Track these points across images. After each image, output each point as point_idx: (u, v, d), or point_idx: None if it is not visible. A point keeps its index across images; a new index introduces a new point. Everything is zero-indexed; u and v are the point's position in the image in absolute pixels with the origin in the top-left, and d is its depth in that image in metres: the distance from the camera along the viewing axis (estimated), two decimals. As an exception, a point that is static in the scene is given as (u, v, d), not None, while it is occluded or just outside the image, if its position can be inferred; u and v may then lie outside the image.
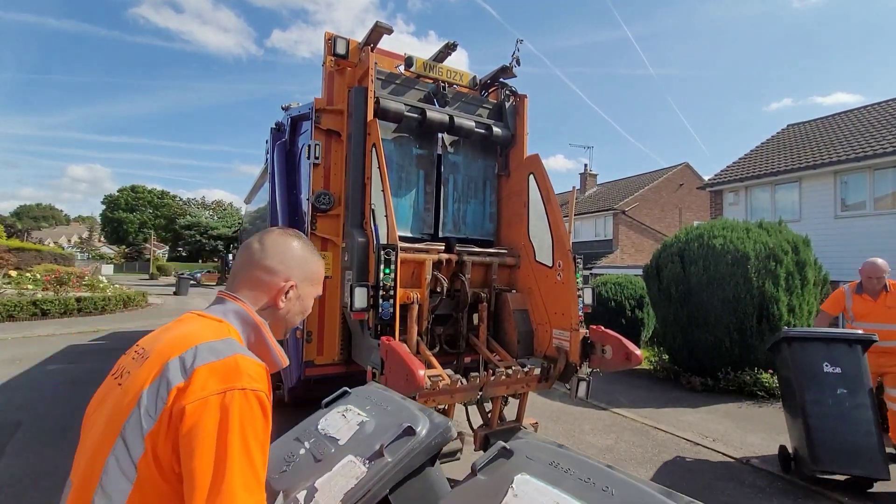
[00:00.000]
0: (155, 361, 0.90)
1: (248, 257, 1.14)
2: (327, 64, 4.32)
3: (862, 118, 13.20)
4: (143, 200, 68.90)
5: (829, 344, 3.84)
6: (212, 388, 0.85)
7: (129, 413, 0.85)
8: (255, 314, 1.09)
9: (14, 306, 12.37)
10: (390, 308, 3.32)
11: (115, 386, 0.96)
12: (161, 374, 0.87)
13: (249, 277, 1.13)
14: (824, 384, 3.74)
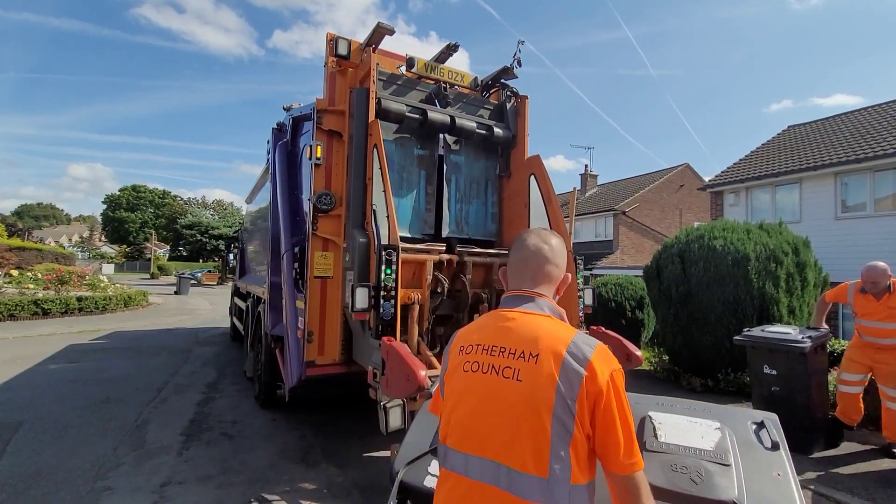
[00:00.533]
0: (547, 358, 1.11)
1: (542, 257, 1.29)
2: (329, 64, 4.33)
3: (862, 120, 13.19)
4: (144, 200, 68.96)
5: (770, 351, 4.59)
6: (605, 372, 1.10)
7: (554, 398, 1.07)
8: (556, 305, 1.29)
9: (15, 305, 12.39)
10: (391, 308, 3.32)
11: (492, 380, 1.14)
12: (563, 367, 1.09)
13: (545, 274, 1.29)
14: (763, 382, 4.64)
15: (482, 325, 1.29)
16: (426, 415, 2.04)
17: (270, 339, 5.07)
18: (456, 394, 1.20)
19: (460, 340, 1.28)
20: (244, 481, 3.66)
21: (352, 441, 4.51)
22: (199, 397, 5.90)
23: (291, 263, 4.41)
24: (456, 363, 1.24)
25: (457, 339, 1.30)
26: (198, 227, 50.34)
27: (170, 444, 4.35)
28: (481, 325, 1.29)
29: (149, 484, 3.56)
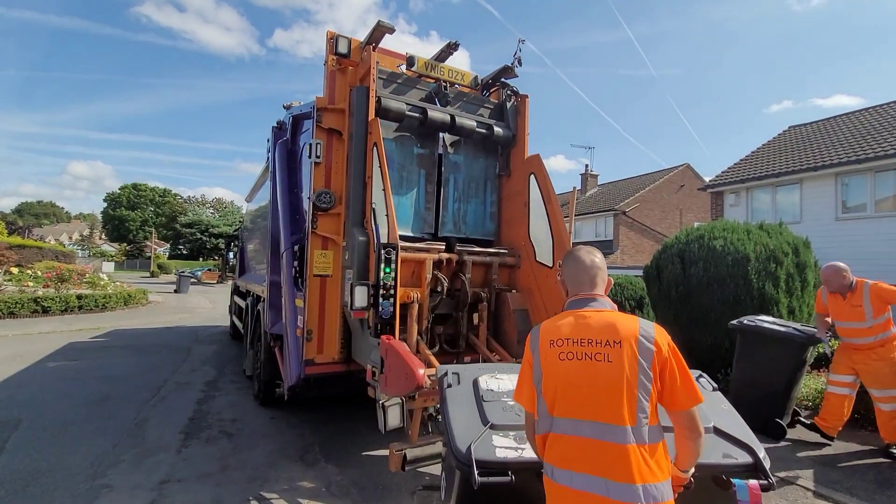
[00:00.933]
0: (628, 342, 1.53)
1: (596, 267, 1.74)
2: (329, 63, 4.33)
3: (863, 120, 13.18)
4: (144, 198, 68.96)
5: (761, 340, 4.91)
6: (664, 343, 1.54)
7: (637, 371, 1.50)
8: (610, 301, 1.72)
9: (15, 303, 12.39)
10: (390, 307, 3.32)
11: (589, 365, 1.53)
12: (640, 347, 1.52)
13: (602, 279, 1.73)
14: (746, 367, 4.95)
15: (564, 322, 1.64)
16: (458, 403, 2.34)
17: (270, 337, 5.07)
18: (557, 377, 1.57)
19: (547, 335, 1.63)
20: (243, 479, 3.66)
21: (351, 440, 4.51)
22: (199, 395, 5.90)
23: (291, 262, 4.41)
24: (551, 354, 1.60)
25: (543, 335, 1.64)
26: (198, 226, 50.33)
27: (169, 442, 4.35)
28: (563, 322, 1.65)
29: (148, 481, 3.56)
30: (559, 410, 1.55)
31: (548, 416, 1.58)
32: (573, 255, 1.79)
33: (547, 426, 1.58)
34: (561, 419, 1.54)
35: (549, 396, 1.58)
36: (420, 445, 3.02)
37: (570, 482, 1.49)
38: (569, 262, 1.78)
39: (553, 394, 1.57)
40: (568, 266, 1.78)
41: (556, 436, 1.55)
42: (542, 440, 1.61)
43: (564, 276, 1.79)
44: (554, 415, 1.56)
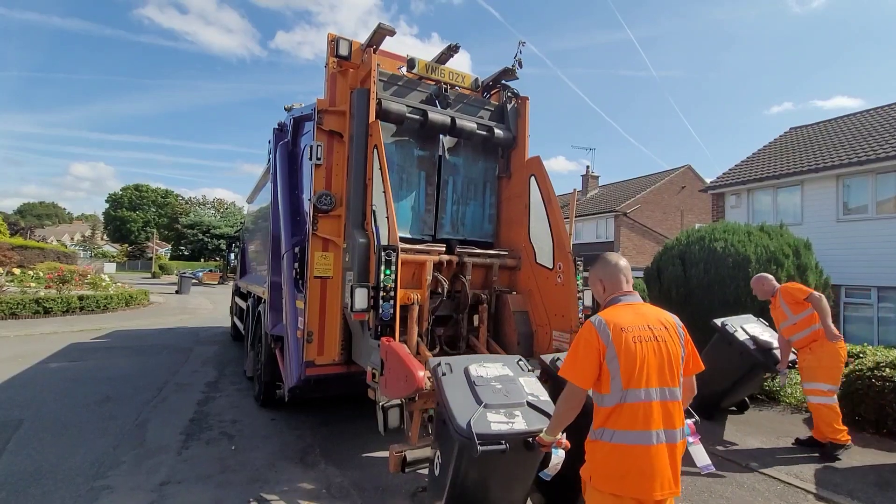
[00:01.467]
0: (672, 326, 2.02)
1: (627, 268, 2.16)
2: (330, 65, 4.34)
3: (864, 122, 13.16)
4: (146, 199, 69.10)
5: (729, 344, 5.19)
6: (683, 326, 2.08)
7: (680, 349, 1.99)
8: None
9: (17, 304, 12.42)
10: (391, 309, 3.33)
11: (655, 345, 1.92)
12: (678, 331, 2.02)
13: (630, 278, 2.16)
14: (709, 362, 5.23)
15: (624, 312, 1.99)
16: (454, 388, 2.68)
17: (270, 338, 5.07)
18: (632, 357, 1.88)
19: (616, 325, 1.91)
20: (243, 481, 3.66)
21: (351, 441, 4.51)
22: (200, 396, 5.91)
23: (292, 263, 4.41)
24: (625, 339, 1.89)
25: (611, 325, 1.91)
26: (199, 227, 50.44)
27: (169, 443, 4.36)
28: (623, 312, 1.99)
29: (148, 483, 3.57)
30: (634, 383, 1.86)
31: (621, 390, 1.87)
32: (608, 259, 2.16)
33: (618, 399, 1.88)
34: (635, 390, 1.86)
35: (625, 374, 1.86)
36: (420, 447, 3.02)
37: (638, 440, 1.84)
38: (605, 265, 2.15)
39: (629, 371, 1.86)
40: (605, 268, 2.14)
41: (629, 405, 1.86)
42: (608, 412, 1.90)
43: (602, 276, 2.16)
44: (629, 388, 1.86)
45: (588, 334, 1.94)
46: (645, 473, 1.82)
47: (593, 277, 2.20)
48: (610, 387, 1.89)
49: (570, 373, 1.98)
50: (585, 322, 2.00)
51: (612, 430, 1.88)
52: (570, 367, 1.98)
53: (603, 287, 2.16)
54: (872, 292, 10.25)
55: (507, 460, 2.43)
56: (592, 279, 2.21)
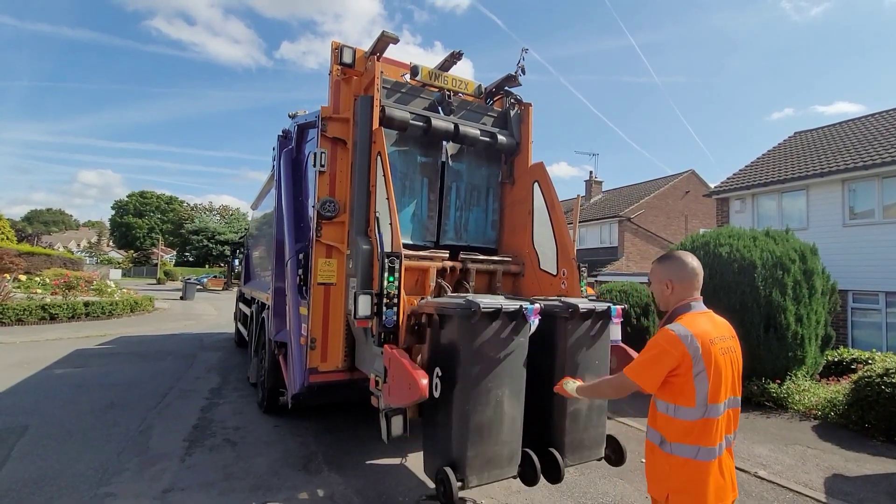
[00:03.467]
0: (735, 336, 1.96)
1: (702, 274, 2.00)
2: (334, 73, 4.36)
3: (869, 126, 13.10)
4: (151, 206, 69.61)
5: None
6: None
7: (740, 358, 1.95)
8: None
9: (23, 310, 12.50)
10: (394, 316, 3.32)
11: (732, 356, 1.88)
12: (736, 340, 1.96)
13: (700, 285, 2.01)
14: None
15: (704, 321, 1.88)
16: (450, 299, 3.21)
17: (274, 345, 5.07)
18: (720, 370, 1.80)
19: (705, 336, 1.81)
20: (246, 488, 3.65)
21: (354, 448, 4.49)
22: (203, 403, 5.91)
23: (295, 270, 4.42)
24: (714, 351, 1.80)
25: (698, 336, 1.80)
26: (204, 233, 50.70)
27: (173, 450, 4.36)
28: (703, 321, 1.88)
29: (151, 490, 3.56)
30: (717, 397, 1.80)
31: (705, 404, 1.79)
32: (683, 261, 1.98)
33: (702, 413, 1.79)
34: (716, 405, 1.79)
35: (713, 388, 1.79)
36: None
37: (710, 455, 1.79)
38: (681, 267, 1.98)
39: (717, 385, 1.79)
40: (681, 270, 1.97)
41: (711, 420, 1.79)
42: (689, 427, 1.80)
43: (672, 277, 1.98)
44: (713, 402, 1.79)
45: (670, 345, 1.80)
46: (721, 487, 1.80)
47: (660, 276, 2.02)
48: (695, 400, 1.79)
49: (638, 375, 1.90)
50: (665, 329, 1.86)
51: (697, 446, 1.79)
52: (640, 370, 1.90)
53: (671, 289, 1.98)
54: (880, 297, 10.15)
55: (500, 333, 2.94)
56: (658, 278, 2.04)
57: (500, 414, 2.94)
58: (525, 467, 3.06)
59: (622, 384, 1.97)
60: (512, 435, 3.00)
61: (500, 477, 2.97)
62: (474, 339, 2.86)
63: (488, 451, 2.88)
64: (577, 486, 3.86)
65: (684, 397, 1.81)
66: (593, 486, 3.87)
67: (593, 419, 3.33)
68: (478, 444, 2.84)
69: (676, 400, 1.83)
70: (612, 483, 3.93)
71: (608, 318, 3.41)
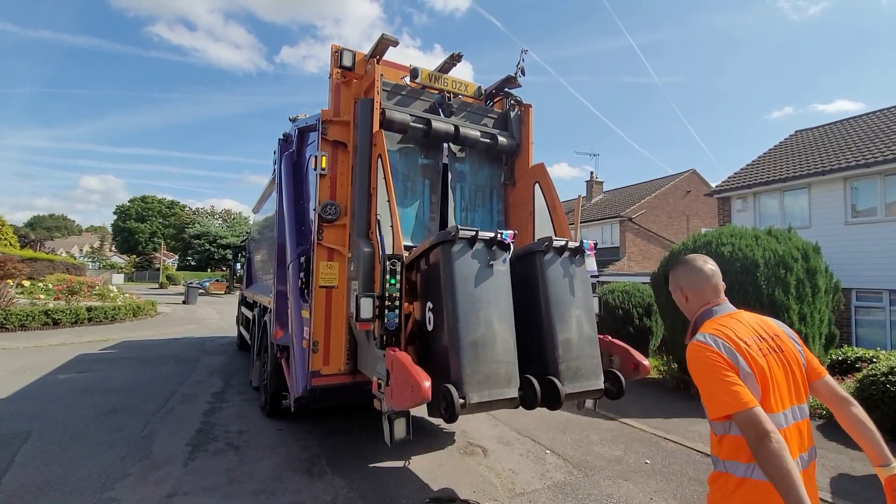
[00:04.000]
0: (786, 338, 1.69)
1: (719, 274, 1.81)
2: (334, 76, 4.37)
3: (871, 124, 13.06)
4: (153, 210, 69.79)
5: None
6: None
7: (799, 358, 1.67)
8: None
9: (26, 316, 12.53)
10: (396, 318, 3.31)
11: (777, 357, 1.63)
12: (794, 340, 1.71)
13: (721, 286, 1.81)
14: None
15: (735, 323, 1.68)
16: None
17: (276, 348, 5.07)
18: (764, 374, 1.57)
19: (734, 338, 1.60)
20: (249, 492, 3.64)
21: (357, 451, 4.48)
22: (206, 407, 5.91)
23: (297, 273, 4.42)
24: (750, 355, 1.58)
25: (731, 340, 1.59)
26: (206, 237, 50.79)
27: (176, 454, 4.35)
28: (730, 324, 1.67)
29: (155, 495, 3.56)
30: (770, 406, 1.54)
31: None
32: (691, 264, 1.82)
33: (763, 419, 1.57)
34: (772, 415, 1.51)
35: (761, 396, 1.55)
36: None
37: None
38: (688, 271, 1.81)
39: (764, 392, 1.55)
40: (688, 275, 1.81)
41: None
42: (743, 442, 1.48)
43: (683, 284, 1.83)
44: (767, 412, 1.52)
45: (709, 353, 1.55)
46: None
47: (673, 284, 1.89)
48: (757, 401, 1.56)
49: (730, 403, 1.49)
50: (693, 344, 1.62)
51: (751, 463, 1.50)
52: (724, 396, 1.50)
53: (685, 297, 1.82)
54: (884, 295, 10.11)
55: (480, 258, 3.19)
56: (672, 287, 1.90)
57: (492, 333, 3.10)
58: (526, 391, 3.19)
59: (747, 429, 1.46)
60: (506, 355, 3.15)
61: (500, 396, 3.06)
62: (457, 265, 3.10)
63: (485, 368, 3.03)
64: (581, 487, 3.85)
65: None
66: (597, 487, 3.85)
67: (585, 349, 3.52)
68: (474, 362, 2.99)
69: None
70: (616, 485, 3.91)
71: (582, 252, 3.78)
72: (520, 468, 4.23)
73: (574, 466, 4.29)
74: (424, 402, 2.79)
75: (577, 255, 3.75)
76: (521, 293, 3.43)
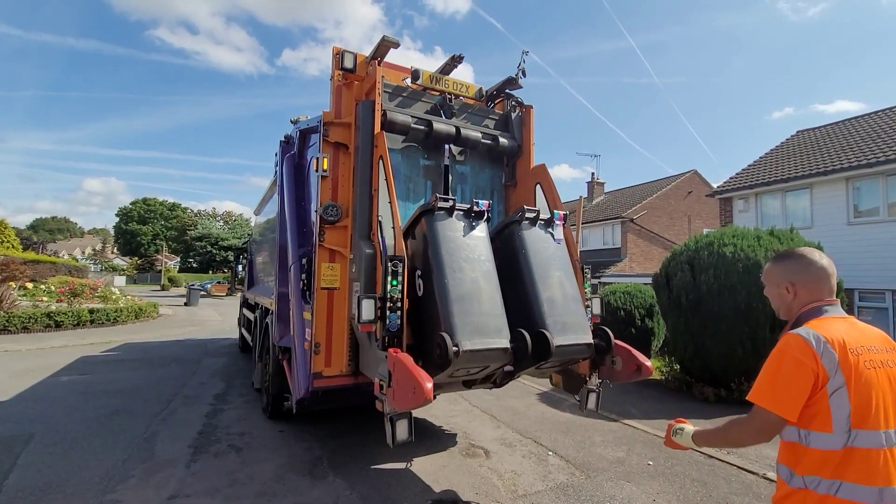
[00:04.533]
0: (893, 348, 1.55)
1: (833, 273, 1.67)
2: (335, 78, 4.38)
3: (873, 124, 13.04)
4: (155, 212, 69.95)
5: None
6: None
7: None
8: None
9: (29, 318, 12.56)
10: (397, 320, 3.31)
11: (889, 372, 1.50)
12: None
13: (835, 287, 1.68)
14: None
15: (841, 326, 1.54)
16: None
17: (278, 350, 5.07)
18: (867, 386, 1.46)
19: (842, 342, 1.48)
20: (251, 494, 3.64)
21: (359, 453, 4.48)
22: (208, 409, 5.91)
23: (299, 274, 4.42)
24: (854, 363, 1.46)
25: (836, 344, 1.47)
26: (207, 239, 50.84)
27: (178, 456, 4.35)
28: (840, 326, 1.54)
29: (157, 497, 3.56)
30: (869, 423, 1.44)
31: (847, 430, 1.45)
32: (809, 259, 1.66)
33: (843, 441, 1.45)
34: (870, 432, 1.44)
35: (857, 409, 1.45)
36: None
37: (869, 497, 1.41)
38: (807, 266, 1.66)
39: (863, 406, 1.45)
40: (807, 270, 1.66)
41: (862, 451, 1.44)
42: (826, 457, 1.45)
43: (795, 279, 1.66)
44: (860, 427, 1.44)
45: (799, 352, 1.48)
46: None
47: (779, 278, 1.71)
48: (831, 425, 1.46)
49: (768, 399, 1.50)
50: (790, 335, 1.54)
51: (838, 481, 1.43)
52: (770, 391, 1.51)
53: (794, 294, 1.66)
54: (887, 295, 10.08)
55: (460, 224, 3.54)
56: (775, 280, 1.72)
57: (478, 289, 3.37)
58: (517, 343, 3.38)
59: (760, 423, 1.54)
60: (494, 308, 3.39)
61: (492, 345, 3.25)
62: (439, 229, 3.45)
63: (475, 320, 3.25)
64: (584, 489, 3.84)
65: (818, 420, 1.47)
66: (599, 489, 3.84)
67: (570, 307, 3.75)
68: (463, 314, 3.22)
69: (809, 424, 1.48)
70: (618, 486, 3.90)
71: (552, 221, 4.08)
72: (522, 470, 4.22)
73: (576, 468, 4.27)
74: (426, 403, 2.78)
75: (549, 225, 4.06)
76: (504, 261, 3.73)
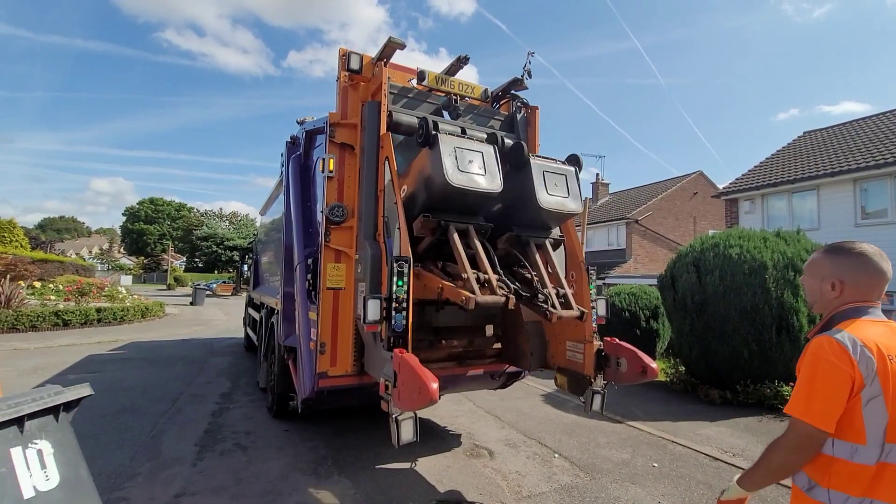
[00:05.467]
0: None
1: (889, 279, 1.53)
2: (341, 79, 4.40)
3: (881, 125, 12.94)
4: (161, 212, 70.46)
5: None
6: None
7: None
8: None
9: (37, 317, 12.69)
10: (403, 320, 3.32)
11: None
12: None
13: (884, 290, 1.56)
14: None
15: (879, 330, 1.42)
16: None
17: (283, 349, 5.10)
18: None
19: (881, 348, 1.38)
20: (257, 493, 3.66)
21: (364, 453, 4.49)
22: (214, 408, 5.95)
23: (304, 274, 4.44)
24: (891, 371, 1.36)
25: (875, 350, 1.37)
26: (213, 239, 51.16)
27: (184, 454, 4.39)
28: (878, 330, 1.42)
29: (163, 495, 3.59)
30: None
31: (881, 443, 1.35)
32: (867, 257, 1.50)
33: (877, 455, 1.35)
34: None
35: (892, 421, 1.35)
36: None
37: None
38: (865, 264, 1.50)
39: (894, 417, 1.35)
40: (862, 269, 1.50)
41: (893, 466, 1.34)
42: (857, 471, 1.36)
43: (844, 276, 1.51)
44: (893, 442, 1.34)
45: (834, 356, 1.37)
46: None
47: (827, 271, 1.56)
48: (865, 436, 1.35)
49: (802, 409, 1.40)
50: (823, 338, 1.42)
51: (868, 499, 1.35)
52: (804, 401, 1.40)
53: (839, 291, 1.52)
54: (895, 298, 9.99)
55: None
56: (822, 273, 1.58)
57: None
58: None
59: (793, 435, 1.43)
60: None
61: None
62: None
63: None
64: (588, 490, 3.83)
65: (851, 431, 1.37)
66: (604, 491, 3.84)
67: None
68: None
69: (839, 434, 1.38)
70: (623, 488, 3.89)
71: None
72: (526, 471, 4.22)
73: (581, 469, 4.27)
74: (431, 404, 2.79)
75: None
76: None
